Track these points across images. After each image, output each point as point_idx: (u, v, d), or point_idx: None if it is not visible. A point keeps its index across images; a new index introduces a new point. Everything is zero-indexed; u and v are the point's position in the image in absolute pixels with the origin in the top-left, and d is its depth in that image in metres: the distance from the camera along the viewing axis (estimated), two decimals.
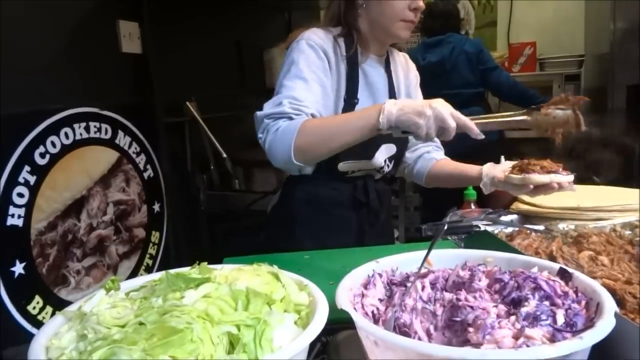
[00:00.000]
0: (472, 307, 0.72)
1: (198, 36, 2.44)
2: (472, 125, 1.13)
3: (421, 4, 1.38)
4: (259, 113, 1.30)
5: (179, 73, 2.23)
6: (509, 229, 1.27)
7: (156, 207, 2.00)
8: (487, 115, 1.20)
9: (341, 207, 1.52)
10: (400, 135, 1.16)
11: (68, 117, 1.73)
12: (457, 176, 1.54)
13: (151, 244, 1.99)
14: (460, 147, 1.86)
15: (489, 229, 1.26)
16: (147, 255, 1.99)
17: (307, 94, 1.32)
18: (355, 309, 0.77)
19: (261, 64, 2.88)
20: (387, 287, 0.86)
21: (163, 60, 2.07)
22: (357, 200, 1.52)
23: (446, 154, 1.66)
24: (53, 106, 1.73)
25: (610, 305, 0.68)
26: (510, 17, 4.60)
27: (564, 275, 0.80)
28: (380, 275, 0.86)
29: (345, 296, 0.77)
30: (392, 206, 3.97)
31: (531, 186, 1.25)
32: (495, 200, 1.74)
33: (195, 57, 2.39)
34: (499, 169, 1.37)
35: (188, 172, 2.29)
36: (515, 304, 0.73)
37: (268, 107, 1.30)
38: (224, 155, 2.16)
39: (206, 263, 0.79)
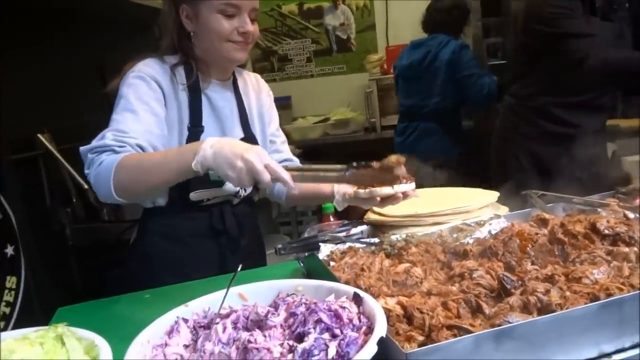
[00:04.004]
0: (258, 349, 0.73)
1: (50, 62, 2.30)
2: (288, 178, 1.09)
3: (250, 28, 1.39)
4: (82, 148, 1.26)
5: (27, 104, 2.09)
6: (347, 245, 1.31)
7: (9, 250, 1.87)
8: (307, 167, 1.20)
9: (198, 237, 1.50)
10: (217, 179, 1.13)
11: None
12: (314, 194, 1.57)
13: (7, 291, 1.86)
14: None
15: (328, 246, 1.30)
16: (3, 304, 1.85)
17: (135, 125, 1.28)
18: None
19: None
20: (194, 332, 0.86)
21: (4, 92, 1.93)
22: (214, 228, 1.51)
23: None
24: None
25: (378, 332, 0.72)
26: (387, 20, 4.79)
27: (357, 299, 0.84)
28: (186, 321, 0.86)
29: (137, 352, 0.76)
30: (273, 221, 3.97)
31: (378, 198, 1.30)
32: (353, 211, 1.81)
33: (47, 84, 2.25)
34: (349, 185, 1.42)
35: (48, 208, 2.16)
36: (300, 339, 0.75)
37: (92, 142, 1.26)
38: (86, 187, 2.06)
39: None
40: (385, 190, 1.28)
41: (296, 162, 1.69)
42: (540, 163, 1.99)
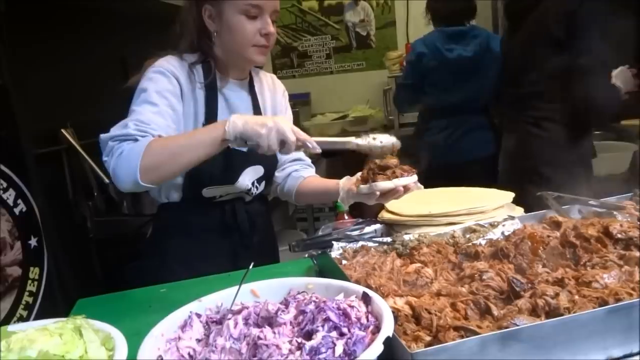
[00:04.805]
0: (267, 346, 0.75)
1: (73, 58, 2.35)
2: (311, 140, 1.18)
3: (271, 29, 1.41)
4: (103, 136, 1.26)
5: (50, 99, 2.15)
6: (360, 244, 1.32)
7: (33, 242, 1.92)
8: (327, 138, 1.26)
9: (211, 233, 1.52)
10: (244, 146, 1.19)
11: None
12: (321, 192, 1.59)
13: (30, 281, 1.92)
14: None
15: (341, 245, 1.31)
16: (26, 293, 1.91)
17: (156, 117, 1.31)
18: (161, 355, 0.79)
19: None
20: (207, 327, 0.88)
21: (28, 87, 1.98)
22: (226, 224, 1.53)
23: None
24: None
25: (385, 331, 0.73)
26: (407, 17, 4.77)
27: (365, 299, 0.85)
28: (199, 315, 0.89)
29: (152, 345, 0.79)
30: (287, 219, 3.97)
31: (377, 193, 1.31)
32: (368, 210, 1.81)
33: (70, 80, 2.30)
34: (353, 181, 1.42)
35: (70, 201, 2.21)
36: (308, 336, 0.77)
37: (114, 130, 1.27)
38: (107, 181, 2.11)
39: (7, 327, 0.78)
40: (386, 184, 1.26)
41: (307, 161, 1.70)
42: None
